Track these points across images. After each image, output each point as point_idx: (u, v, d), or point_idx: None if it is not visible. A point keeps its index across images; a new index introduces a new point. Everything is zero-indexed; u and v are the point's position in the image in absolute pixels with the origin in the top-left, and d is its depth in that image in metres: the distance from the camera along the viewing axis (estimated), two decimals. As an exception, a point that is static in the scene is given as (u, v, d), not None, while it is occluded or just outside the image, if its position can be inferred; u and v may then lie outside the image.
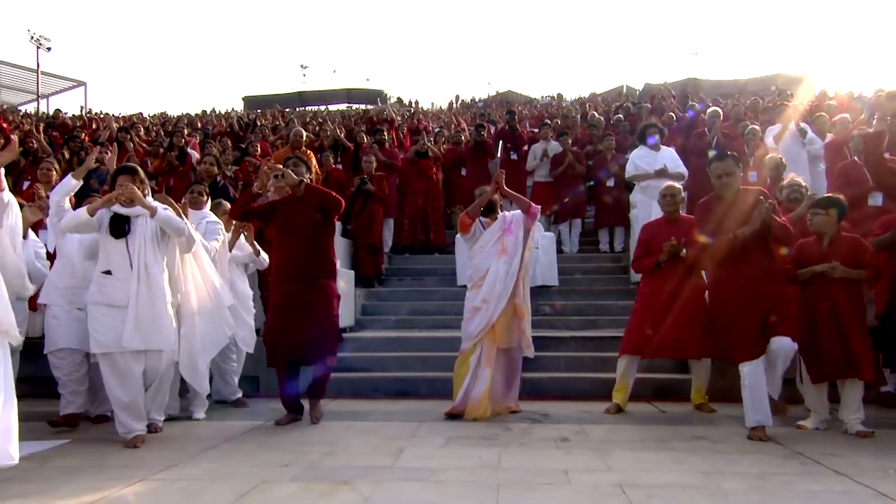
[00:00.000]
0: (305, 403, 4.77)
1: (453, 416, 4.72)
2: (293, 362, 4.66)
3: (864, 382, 4.22)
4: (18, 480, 3.23)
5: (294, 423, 4.63)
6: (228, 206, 5.48)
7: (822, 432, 4.25)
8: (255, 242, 5.52)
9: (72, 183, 4.51)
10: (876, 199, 5.52)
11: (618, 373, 5.09)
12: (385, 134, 9.67)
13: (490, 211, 5.04)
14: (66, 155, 8.91)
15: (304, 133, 7.26)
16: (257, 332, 5.48)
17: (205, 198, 5.30)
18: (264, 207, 4.77)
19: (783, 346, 4.17)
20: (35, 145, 8.91)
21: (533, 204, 5.03)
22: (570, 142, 9.50)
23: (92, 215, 3.95)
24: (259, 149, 9.07)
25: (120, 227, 3.93)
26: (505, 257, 4.84)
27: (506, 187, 5.13)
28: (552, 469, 3.41)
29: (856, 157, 6.13)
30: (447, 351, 6.39)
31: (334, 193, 4.80)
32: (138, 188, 4.03)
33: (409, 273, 8.81)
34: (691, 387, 5.19)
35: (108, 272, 3.96)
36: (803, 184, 5.22)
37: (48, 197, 4.76)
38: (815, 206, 4.43)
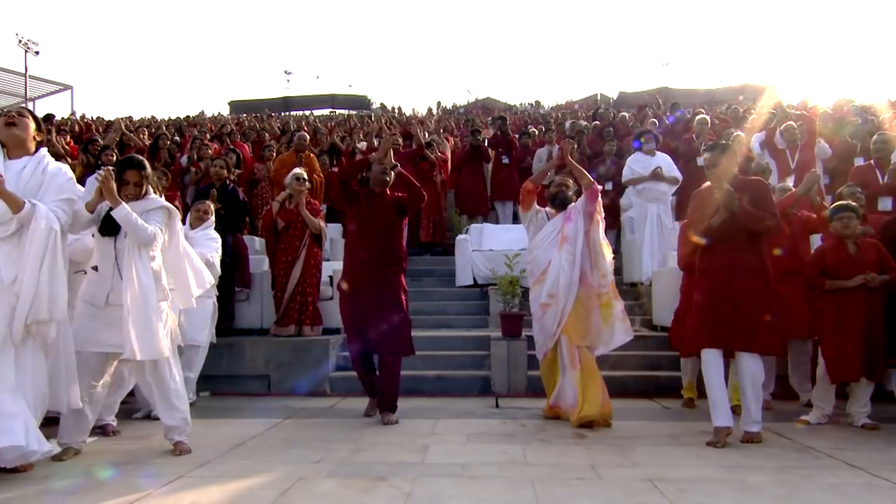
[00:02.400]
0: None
1: (553, 417, 4.71)
2: (367, 352, 4.83)
3: None
4: (57, 477, 3.23)
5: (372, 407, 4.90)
6: (210, 205, 5.51)
7: (823, 426, 4.41)
8: None
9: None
10: (886, 203, 5.67)
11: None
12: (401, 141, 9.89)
13: (561, 203, 4.85)
14: (86, 159, 8.78)
15: (308, 137, 7.29)
16: None
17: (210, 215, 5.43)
18: (354, 191, 4.81)
19: (748, 368, 3.94)
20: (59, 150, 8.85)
21: (595, 183, 4.74)
22: (576, 147, 9.64)
23: (91, 211, 3.64)
24: (275, 153, 9.15)
25: (110, 224, 3.63)
26: (567, 246, 4.62)
27: (572, 160, 4.96)
28: (579, 464, 3.50)
29: (872, 161, 6.33)
30: (450, 349, 6.56)
31: (417, 187, 4.81)
32: (143, 183, 3.80)
33: (409, 274, 8.74)
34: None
35: (95, 268, 3.73)
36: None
37: None
38: (844, 211, 4.44)
